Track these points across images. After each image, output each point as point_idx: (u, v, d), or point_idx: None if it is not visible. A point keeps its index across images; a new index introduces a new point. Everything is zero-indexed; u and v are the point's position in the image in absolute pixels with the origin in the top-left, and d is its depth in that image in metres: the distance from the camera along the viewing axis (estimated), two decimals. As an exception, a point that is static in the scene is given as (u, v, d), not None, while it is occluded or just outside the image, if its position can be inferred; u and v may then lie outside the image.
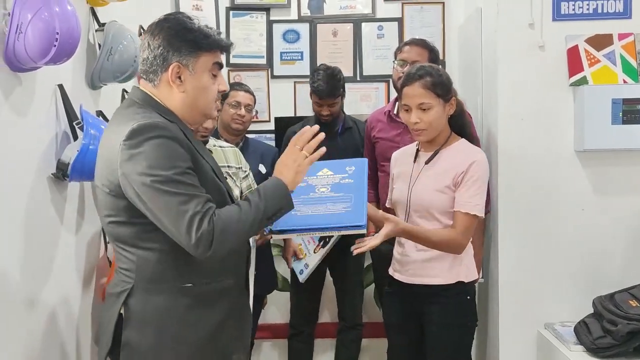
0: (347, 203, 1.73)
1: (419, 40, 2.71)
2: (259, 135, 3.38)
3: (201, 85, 1.52)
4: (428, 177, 2.05)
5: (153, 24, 1.54)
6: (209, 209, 1.40)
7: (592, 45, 2.29)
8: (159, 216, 1.39)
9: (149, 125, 1.40)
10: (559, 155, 2.32)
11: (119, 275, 1.53)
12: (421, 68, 2.03)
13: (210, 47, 1.52)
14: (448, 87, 2.02)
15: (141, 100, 1.52)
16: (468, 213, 1.97)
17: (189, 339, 1.48)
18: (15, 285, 1.66)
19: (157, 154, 1.38)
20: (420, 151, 2.13)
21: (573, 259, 2.32)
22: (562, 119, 2.32)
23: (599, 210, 2.31)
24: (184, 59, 1.49)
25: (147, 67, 1.51)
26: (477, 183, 1.98)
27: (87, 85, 2.19)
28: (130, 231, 1.47)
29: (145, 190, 1.37)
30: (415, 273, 2.06)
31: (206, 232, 1.36)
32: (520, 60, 2.33)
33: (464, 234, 1.98)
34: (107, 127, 1.55)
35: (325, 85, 2.86)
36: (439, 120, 2.01)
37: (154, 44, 1.49)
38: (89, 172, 1.87)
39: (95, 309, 2.24)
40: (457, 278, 2.04)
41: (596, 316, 2.12)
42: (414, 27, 3.52)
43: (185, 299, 1.48)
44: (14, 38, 1.56)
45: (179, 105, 1.52)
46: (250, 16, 3.56)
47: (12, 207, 1.64)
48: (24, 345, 1.70)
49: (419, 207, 2.04)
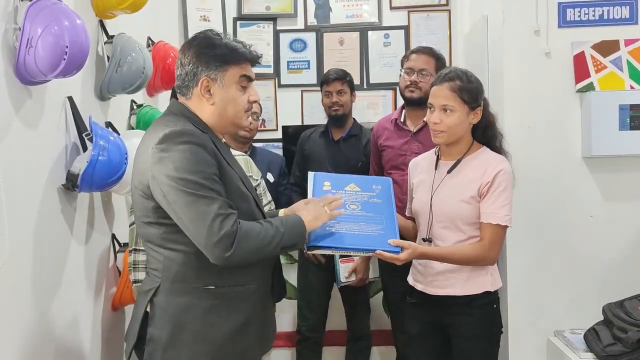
0: (379, 225, 1.80)
1: (426, 48, 2.72)
2: (266, 144, 3.40)
3: (229, 97, 1.61)
4: (452, 187, 1.99)
5: (185, 43, 1.65)
6: (232, 213, 1.47)
7: (599, 52, 2.29)
8: (181, 216, 1.46)
9: (179, 131, 1.49)
10: (567, 162, 2.31)
11: (149, 275, 1.61)
12: (453, 70, 2.00)
13: (237, 60, 1.61)
14: (476, 96, 1.97)
15: (177, 111, 1.62)
16: (498, 224, 1.91)
17: (208, 338, 1.53)
18: (26, 296, 1.68)
19: (184, 157, 1.46)
20: (441, 159, 2.07)
21: (582, 266, 2.31)
22: (569, 126, 2.31)
23: (607, 216, 2.30)
24: (212, 73, 1.58)
25: (181, 83, 1.63)
26: (504, 193, 1.92)
27: (96, 96, 2.22)
28: (158, 232, 1.54)
29: (170, 191, 1.45)
30: (439, 284, 2.00)
31: (229, 232, 1.43)
32: (526, 67, 2.33)
33: (492, 247, 1.92)
34: (145, 134, 1.64)
35: (333, 72, 2.99)
36: (459, 125, 1.96)
37: (185, 61, 1.60)
38: (98, 182, 1.90)
39: (105, 319, 2.25)
40: (483, 288, 1.97)
41: (606, 323, 2.10)
42: (420, 35, 3.52)
43: (207, 300, 1.54)
44: (24, 52, 1.58)
45: (210, 116, 1.61)
46: (257, 26, 3.59)
47: (22, 218, 1.66)
48: (35, 356, 1.71)
49: (443, 217, 1.98)
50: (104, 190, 2.03)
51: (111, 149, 1.92)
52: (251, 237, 1.48)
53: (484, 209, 1.94)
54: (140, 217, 1.58)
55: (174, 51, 2.69)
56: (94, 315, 2.15)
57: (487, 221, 1.93)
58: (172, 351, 1.53)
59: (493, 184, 1.93)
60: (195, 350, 1.53)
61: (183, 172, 1.44)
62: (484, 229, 1.94)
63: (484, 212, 1.94)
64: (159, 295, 1.55)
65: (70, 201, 1.96)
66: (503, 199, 1.93)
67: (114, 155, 1.93)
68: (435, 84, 2.00)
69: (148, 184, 1.50)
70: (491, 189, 1.93)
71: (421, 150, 2.57)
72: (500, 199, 1.92)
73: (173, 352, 1.53)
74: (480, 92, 2.00)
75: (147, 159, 1.51)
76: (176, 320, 1.53)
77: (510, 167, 1.98)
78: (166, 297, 1.54)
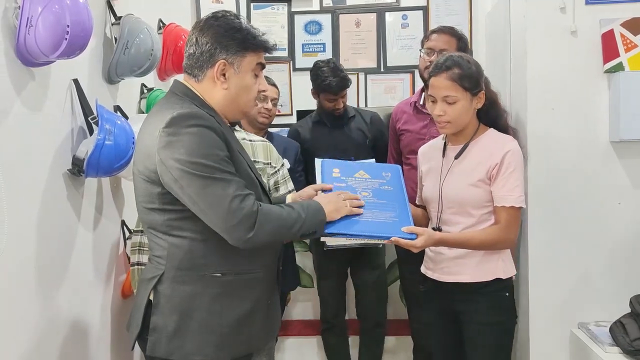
0: (392, 212, 1.77)
1: (447, 27, 2.62)
2: (281, 129, 3.33)
3: (244, 84, 1.57)
4: (459, 172, 1.97)
5: (202, 20, 1.58)
6: (250, 194, 1.45)
7: (629, 29, 2.17)
8: (197, 201, 1.42)
9: (188, 114, 1.44)
10: (593, 146, 2.21)
11: (152, 262, 1.57)
12: (449, 58, 1.94)
13: (257, 47, 1.58)
14: (477, 80, 1.93)
15: (181, 93, 1.56)
16: (512, 206, 1.89)
17: (214, 327, 1.51)
18: (32, 283, 1.64)
19: (195, 141, 1.42)
20: (448, 145, 2.04)
21: (609, 255, 2.21)
22: (596, 108, 2.20)
23: (636, 203, 2.19)
24: (231, 57, 1.54)
25: (193, 62, 1.56)
26: (514, 174, 1.90)
27: (104, 79, 2.17)
28: (162, 218, 1.50)
29: (183, 176, 1.41)
30: (450, 271, 1.98)
31: (250, 212, 1.41)
32: (551, 47, 2.22)
33: (510, 229, 1.90)
34: (146, 117, 1.59)
35: (336, 80, 2.82)
36: (464, 114, 1.93)
37: (202, 41, 1.54)
38: (105, 167, 1.86)
39: (115, 306, 2.22)
40: (495, 275, 1.94)
41: (634, 316, 2.01)
42: (440, 16, 3.41)
43: (212, 288, 1.51)
44: (24, 32, 1.53)
45: (220, 101, 1.57)
46: (271, 8, 3.51)
47: (27, 204, 1.63)
48: (42, 342, 1.68)
49: (453, 203, 1.96)
50: (111, 175, 1.98)
51: (118, 133, 1.88)
52: (273, 219, 1.46)
53: (495, 193, 1.91)
54: (143, 202, 1.53)
55: (185, 34, 2.62)
56: (103, 302, 2.12)
57: (501, 204, 1.90)
58: (177, 340, 1.50)
59: (502, 166, 1.90)
60: (201, 339, 1.50)
61: (195, 156, 1.40)
62: (498, 213, 1.91)
63: (497, 196, 1.91)
64: (163, 283, 1.51)
65: (77, 187, 1.92)
66: (514, 179, 1.90)
67: (121, 140, 1.88)
68: (432, 75, 1.94)
69: (154, 169, 1.46)
70: (501, 171, 1.90)
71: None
72: (511, 180, 1.89)
73: (178, 341, 1.50)
74: (481, 75, 1.95)
75: (152, 143, 1.46)
76: (182, 309, 1.50)
77: (518, 147, 1.95)
78: (171, 285, 1.51)
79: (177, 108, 1.47)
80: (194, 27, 1.59)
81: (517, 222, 1.93)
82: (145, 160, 1.49)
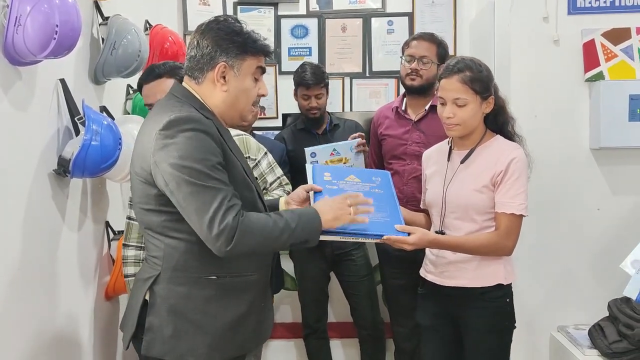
0: (383, 213, 1.77)
1: (427, 34, 2.63)
2: (266, 132, 3.34)
3: (243, 87, 1.57)
4: (465, 177, 1.95)
5: (203, 24, 1.59)
6: (235, 205, 1.43)
7: (609, 40, 2.23)
8: (184, 205, 1.42)
9: (185, 117, 1.44)
10: (574, 153, 2.26)
11: (148, 262, 1.56)
12: (461, 61, 1.93)
13: (257, 51, 1.58)
14: (487, 84, 1.91)
15: (181, 95, 1.56)
16: (513, 214, 1.86)
17: (208, 329, 1.51)
18: (16, 283, 1.62)
19: (189, 145, 1.42)
20: (454, 150, 2.02)
21: (588, 260, 2.26)
22: (577, 116, 2.25)
23: (615, 210, 2.24)
24: (231, 60, 1.54)
25: (194, 65, 1.56)
26: (518, 181, 1.88)
27: (91, 80, 2.16)
28: (159, 219, 1.50)
29: (173, 180, 1.41)
30: (451, 275, 1.95)
31: (230, 227, 1.40)
32: (534, 55, 2.27)
33: (509, 236, 1.87)
34: (146, 118, 1.59)
35: (311, 75, 2.86)
36: (473, 117, 1.91)
37: (203, 43, 1.54)
38: (91, 168, 1.85)
39: (99, 308, 2.21)
40: (496, 280, 1.91)
41: (611, 319, 2.05)
42: (425, 22, 3.44)
43: (207, 290, 1.51)
44: (12, 31, 1.52)
45: (219, 103, 1.57)
46: (258, 11, 3.51)
47: (12, 204, 1.61)
48: (26, 344, 1.66)
49: (456, 208, 1.94)
50: (97, 176, 1.97)
51: (104, 133, 1.87)
52: (255, 231, 1.44)
53: (498, 199, 1.90)
54: (140, 203, 1.53)
55: (172, 35, 2.62)
56: (86, 304, 2.11)
57: (502, 211, 1.88)
58: (172, 341, 1.50)
59: (507, 173, 1.89)
60: (195, 340, 1.50)
61: (188, 161, 1.40)
62: (499, 219, 1.89)
63: (499, 202, 1.89)
64: (159, 283, 1.51)
65: (62, 187, 1.91)
66: (517, 187, 1.88)
67: (107, 140, 1.87)
68: (443, 77, 1.93)
69: (150, 170, 1.45)
70: (505, 178, 1.89)
71: (422, 139, 2.51)
72: (514, 188, 1.88)
73: (173, 341, 1.50)
74: (491, 80, 1.94)
75: (149, 144, 1.45)
76: (177, 309, 1.50)
77: (524, 155, 1.93)
78: (167, 286, 1.51)
79: (175, 111, 1.46)
80: (195, 30, 1.59)
81: (517, 230, 1.89)
82: (142, 162, 1.48)
